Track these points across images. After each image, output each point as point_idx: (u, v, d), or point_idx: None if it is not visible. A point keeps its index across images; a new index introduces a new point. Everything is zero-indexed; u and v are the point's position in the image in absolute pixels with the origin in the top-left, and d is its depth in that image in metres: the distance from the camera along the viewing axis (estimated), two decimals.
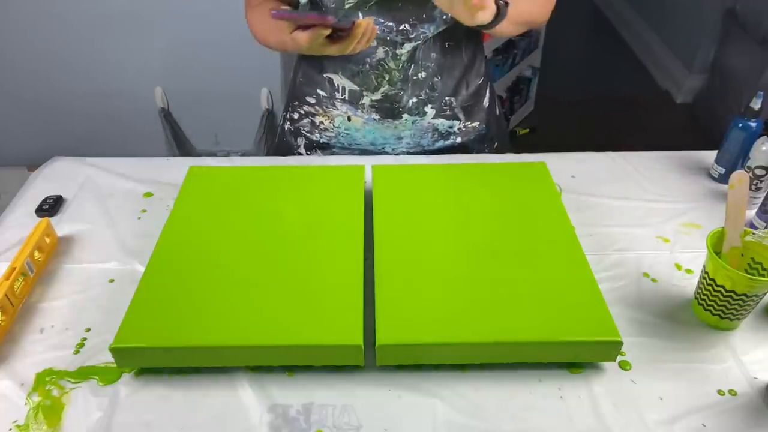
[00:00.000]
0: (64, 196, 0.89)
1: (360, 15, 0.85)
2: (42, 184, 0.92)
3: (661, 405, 0.61)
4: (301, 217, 0.77)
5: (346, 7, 0.84)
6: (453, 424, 0.59)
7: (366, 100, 0.95)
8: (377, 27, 0.85)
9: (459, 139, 1.01)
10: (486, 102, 1.02)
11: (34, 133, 1.94)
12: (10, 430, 0.59)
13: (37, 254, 0.75)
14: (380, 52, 0.89)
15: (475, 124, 1.01)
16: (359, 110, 0.96)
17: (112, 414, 0.60)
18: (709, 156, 0.96)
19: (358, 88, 0.94)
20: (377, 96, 0.94)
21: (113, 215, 0.85)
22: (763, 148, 0.83)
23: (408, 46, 0.89)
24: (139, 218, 0.85)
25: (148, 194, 0.89)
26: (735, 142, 0.89)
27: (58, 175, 0.94)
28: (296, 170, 0.87)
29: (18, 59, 1.83)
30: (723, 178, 0.92)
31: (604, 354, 0.63)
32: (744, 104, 0.88)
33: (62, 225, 0.84)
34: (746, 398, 0.61)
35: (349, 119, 0.98)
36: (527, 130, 2.33)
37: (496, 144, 1.07)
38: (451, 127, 0.99)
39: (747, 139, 0.87)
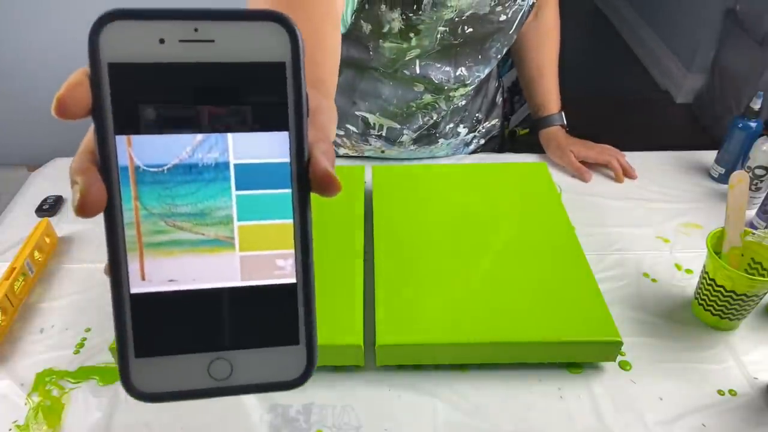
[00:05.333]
0: (64, 196, 0.89)
1: (417, 63, 0.81)
2: (42, 184, 0.92)
3: (661, 405, 0.61)
4: None
5: (407, 58, 0.79)
6: (453, 424, 0.59)
7: (406, 138, 0.92)
8: (433, 74, 0.82)
9: (482, 141, 1.02)
10: (499, 98, 1.03)
11: (34, 133, 1.94)
12: (10, 430, 0.58)
13: (37, 254, 0.75)
14: (427, 98, 0.86)
15: (494, 122, 1.02)
16: (396, 145, 0.93)
17: (112, 414, 0.60)
18: (709, 156, 0.96)
19: (398, 126, 0.90)
20: (419, 132, 0.92)
21: None
22: (763, 148, 0.83)
23: (462, 90, 0.87)
24: None
25: None
26: (735, 142, 0.89)
27: (58, 175, 0.94)
28: None
29: (18, 59, 1.83)
30: (723, 178, 0.92)
31: (604, 354, 0.63)
32: (744, 104, 0.88)
33: (62, 225, 0.84)
34: (746, 398, 0.61)
35: (382, 151, 0.95)
36: (527, 130, 2.33)
37: (495, 146, 1.08)
38: (473, 131, 0.99)
39: (747, 139, 0.87)
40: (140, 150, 0.23)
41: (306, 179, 0.25)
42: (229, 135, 0.24)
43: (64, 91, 0.22)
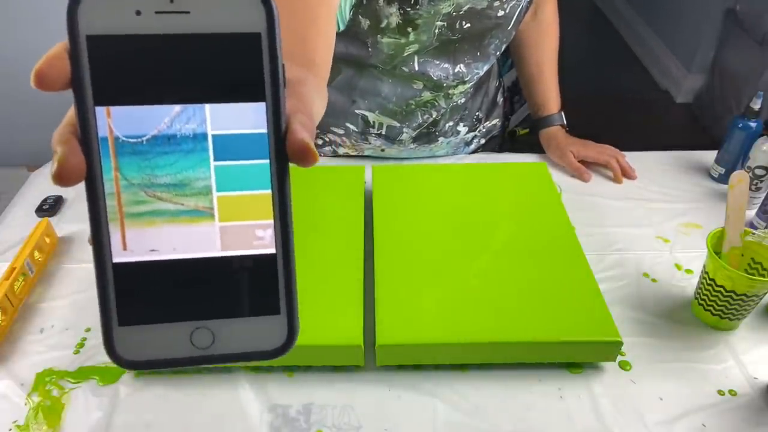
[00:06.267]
0: (64, 196, 0.89)
1: (416, 60, 0.80)
2: (42, 184, 0.92)
3: (661, 405, 0.61)
4: (301, 217, 0.77)
5: (405, 54, 0.79)
6: (453, 424, 0.59)
7: (405, 136, 0.91)
8: (432, 71, 0.82)
9: (482, 141, 1.02)
10: (500, 98, 1.03)
11: (34, 133, 1.94)
12: (10, 430, 0.58)
13: (37, 254, 0.75)
14: (427, 95, 0.86)
15: (495, 121, 1.02)
16: (396, 144, 0.93)
17: (112, 414, 0.60)
18: (709, 156, 0.96)
19: (398, 124, 0.90)
20: (419, 130, 0.91)
21: None
22: (764, 148, 0.83)
23: (462, 88, 0.87)
24: None
25: None
26: (735, 142, 0.89)
27: None
28: (296, 170, 0.86)
29: (18, 59, 1.83)
30: (723, 178, 0.92)
31: (604, 354, 0.63)
32: (744, 104, 0.88)
33: (62, 225, 0.84)
34: (746, 398, 0.61)
35: (382, 150, 0.95)
36: (527, 130, 2.33)
37: (496, 146, 1.08)
38: (474, 131, 0.99)
39: (747, 139, 0.87)
40: (119, 121, 0.23)
41: (284, 150, 0.25)
42: (207, 106, 0.24)
43: (43, 64, 0.22)
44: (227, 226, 0.25)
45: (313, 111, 0.30)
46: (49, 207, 0.86)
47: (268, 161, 0.25)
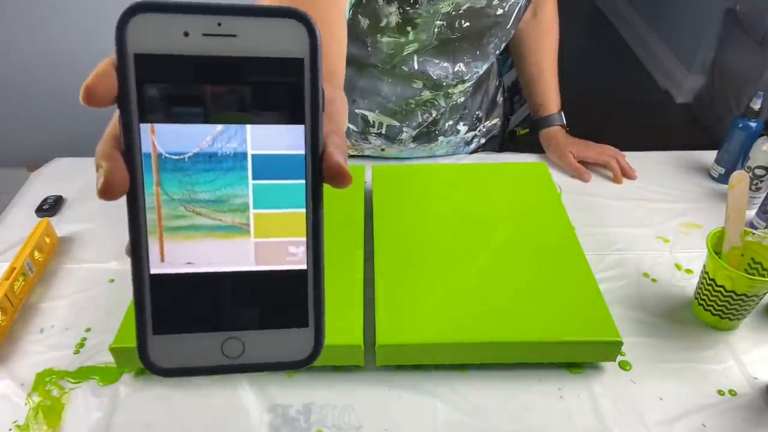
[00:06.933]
0: (64, 196, 0.89)
1: (415, 59, 0.81)
2: (42, 184, 0.92)
3: (661, 405, 0.61)
4: None
5: (405, 53, 0.79)
6: (453, 424, 0.59)
7: (405, 136, 0.91)
8: (431, 70, 0.82)
9: (482, 140, 1.02)
10: (500, 98, 1.03)
11: (34, 133, 1.94)
12: (10, 430, 0.58)
13: (37, 254, 0.75)
14: (426, 94, 0.86)
15: (495, 121, 1.02)
16: (396, 144, 0.93)
17: (112, 414, 0.60)
18: (709, 156, 0.96)
19: (398, 124, 0.90)
20: (418, 130, 0.91)
21: (113, 215, 0.85)
22: (764, 148, 0.83)
23: (461, 87, 0.87)
24: None
25: None
26: (735, 142, 0.89)
27: (58, 175, 0.94)
28: None
29: (18, 59, 1.83)
30: (723, 178, 0.92)
31: (604, 354, 0.63)
32: (744, 104, 0.88)
33: (62, 225, 0.84)
34: (746, 398, 0.61)
35: (382, 150, 0.95)
36: (527, 130, 2.33)
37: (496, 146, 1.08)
38: (474, 130, 0.99)
39: (747, 139, 0.87)
40: (163, 138, 0.24)
41: (319, 171, 0.26)
42: (248, 126, 0.25)
43: (92, 80, 0.23)
44: (262, 242, 0.26)
45: (343, 130, 0.30)
46: (49, 207, 0.86)
47: (304, 181, 0.26)
